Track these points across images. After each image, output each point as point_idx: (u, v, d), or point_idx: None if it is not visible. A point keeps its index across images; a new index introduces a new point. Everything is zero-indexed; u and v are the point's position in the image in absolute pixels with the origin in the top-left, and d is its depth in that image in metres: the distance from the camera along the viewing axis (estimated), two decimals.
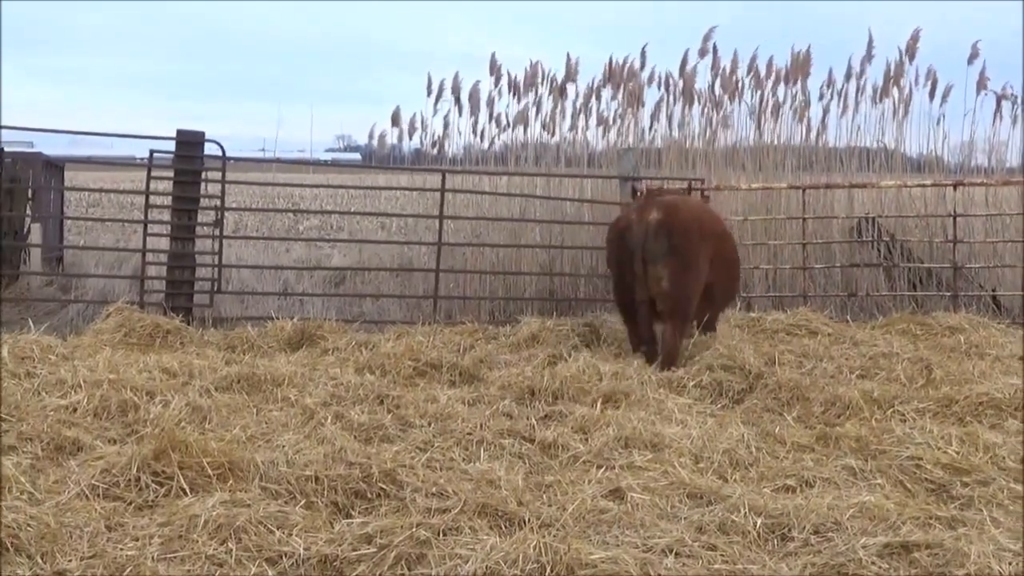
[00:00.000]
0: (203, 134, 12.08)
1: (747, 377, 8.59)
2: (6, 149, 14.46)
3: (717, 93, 14.78)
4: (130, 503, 5.61)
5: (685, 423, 7.45)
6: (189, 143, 11.97)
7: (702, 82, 14.84)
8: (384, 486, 5.86)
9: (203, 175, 12.28)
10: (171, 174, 12.13)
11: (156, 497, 5.66)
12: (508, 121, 15.08)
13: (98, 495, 5.65)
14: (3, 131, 13.60)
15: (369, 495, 5.82)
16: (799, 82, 14.73)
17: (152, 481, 5.75)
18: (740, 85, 14.78)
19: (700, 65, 14.75)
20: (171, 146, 12.02)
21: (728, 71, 14.72)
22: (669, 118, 14.97)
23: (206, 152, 12.14)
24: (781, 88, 14.78)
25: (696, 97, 14.85)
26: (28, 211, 14.05)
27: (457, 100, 14.96)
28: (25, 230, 13.99)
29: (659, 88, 14.91)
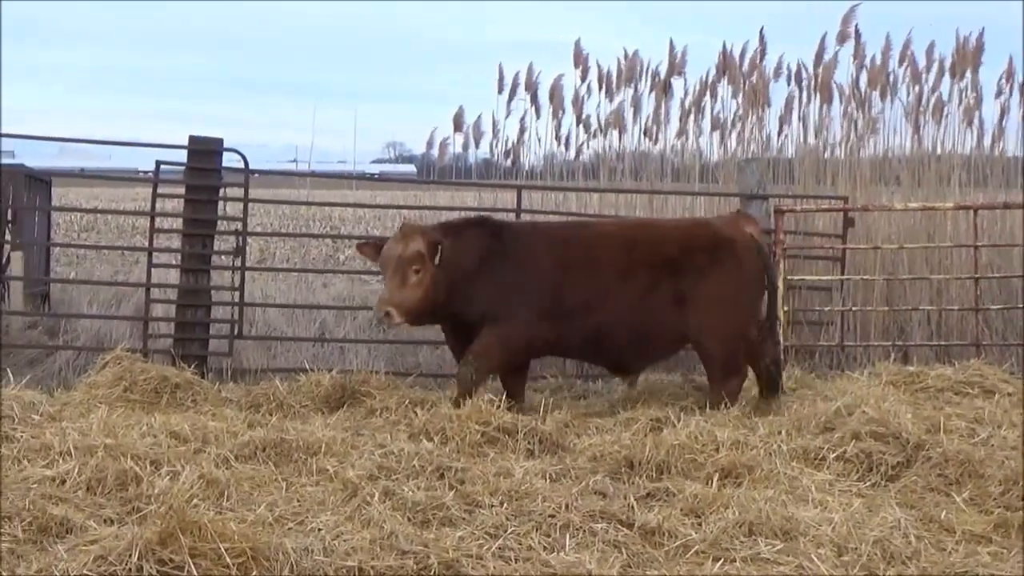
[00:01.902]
0: (221, 141, 12.20)
1: (904, 448, 8.49)
2: None
3: (862, 89, 14.72)
4: None
5: (825, 505, 7.36)
6: (204, 152, 12.09)
7: (843, 75, 14.81)
8: None
9: (221, 192, 12.40)
10: (182, 191, 12.26)
11: None
12: (599, 124, 15.12)
13: None
14: None
15: None
16: (968, 75, 14.62)
17: (158, 571, 5.77)
18: (892, 79, 14.70)
19: (840, 53, 14.71)
20: (182, 156, 12.16)
21: (876, 61, 14.64)
22: (802, 120, 14.94)
23: (224, 163, 12.27)
24: (945, 82, 14.69)
25: (836, 94, 14.78)
26: (7, 236, 14.26)
27: (535, 99, 15.04)
28: (4, 259, 14.20)
29: (788, 83, 14.89)
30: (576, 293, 10.15)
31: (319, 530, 6.60)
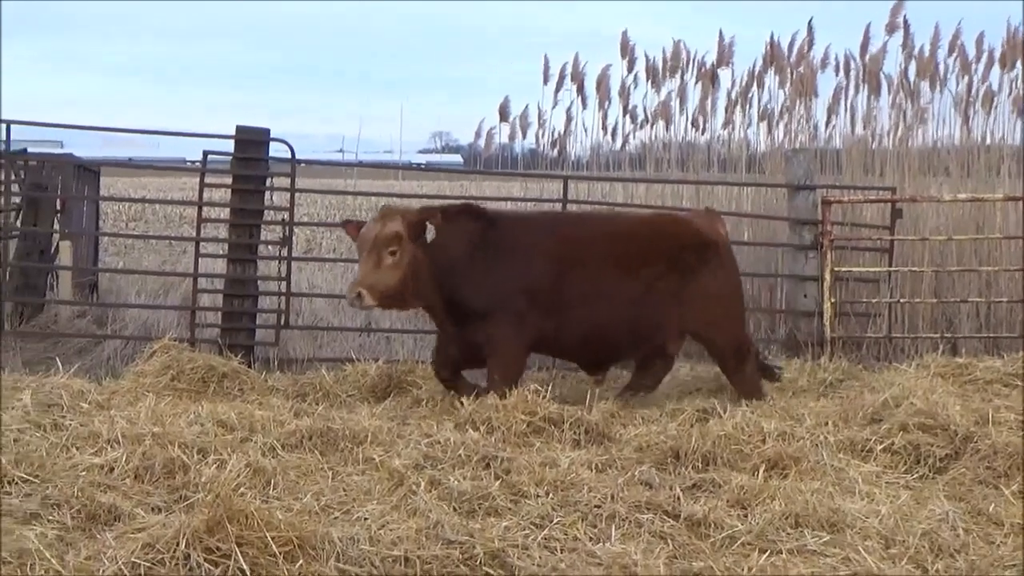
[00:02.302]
0: (268, 131, 12.24)
1: (952, 440, 8.45)
2: (31, 150, 14.83)
3: (911, 79, 14.64)
4: None
5: (872, 497, 7.35)
6: (251, 143, 12.13)
7: (891, 65, 14.73)
8: (491, 571, 5.86)
9: (268, 182, 12.44)
10: (229, 181, 12.30)
11: None
12: (646, 115, 15.10)
13: (139, 575, 5.72)
14: (28, 129, 13.97)
15: None
16: (1018, 65, 14.52)
17: (204, 559, 5.80)
18: (941, 69, 14.61)
19: (888, 44, 14.63)
20: (229, 146, 12.20)
21: (925, 52, 14.56)
22: (850, 111, 14.87)
23: (272, 154, 12.31)
24: (995, 72, 14.60)
25: (884, 84, 14.71)
26: (56, 226, 14.35)
27: (581, 89, 15.02)
28: (52, 249, 14.29)
29: (836, 73, 14.83)
30: (574, 287, 10.03)
31: (365, 519, 6.63)
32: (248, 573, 5.71)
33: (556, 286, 9.97)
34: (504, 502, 7.09)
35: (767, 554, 6.34)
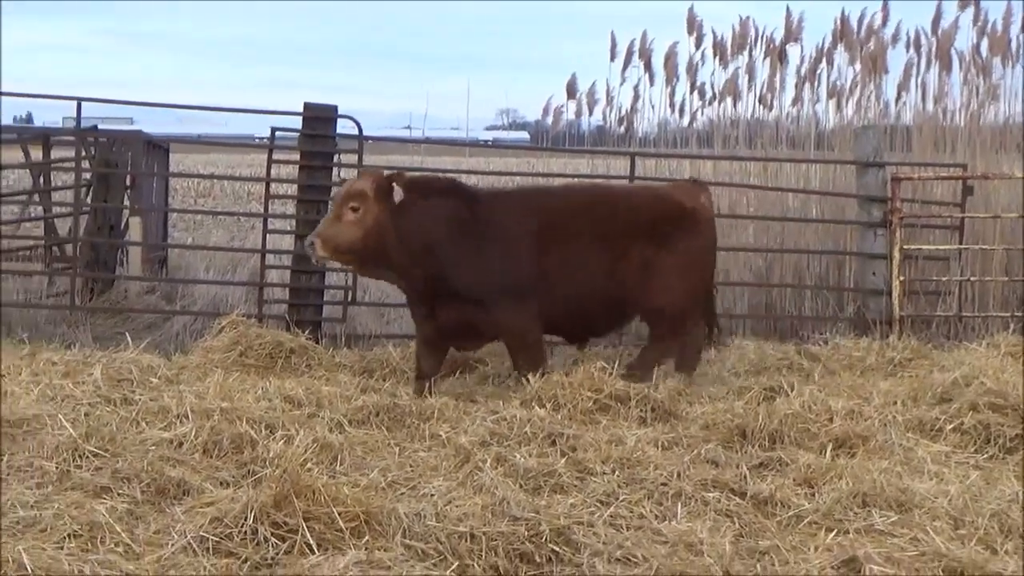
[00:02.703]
0: (335, 108, 12.28)
1: (1023, 420, 8.38)
2: (101, 127, 14.96)
3: (983, 55, 14.48)
4: (245, 560, 5.72)
5: (941, 477, 7.32)
6: (319, 119, 12.17)
7: (963, 42, 14.57)
8: (556, 548, 5.86)
9: (336, 158, 12.48)
10: (297, 157, 12.36)
11: (276, 554, 5.76)
12: (713, 92, 15.03)
13: (207, 549, 5.77)
14: (97, 105, 14.07)
15: (537, 558, 5.83)
16: None
17: (272, 534, 5.85)
18: (1013, 45, 14.45)
19: (960, 19, 14.48)
20: (297, 123, 12.25)
21: (998, 27, 14.40)
22: (920, 87, 14.74)
23: (339, 130, 12.35)
24: None
25: (956, 60, 14.57)
26: (126, 202, 14.46)
27: (648, 66, 14.97)
28: (122, 225, 14.41)
29: (907, 49, 14.69)
30: (557, 261, 9.80)
31: (431, 495, 6.66)
32: (315, 548, 5.75)
33: (540, 261, 9.78)
34: (570, 479, 7.10)
35: (834, 533, 6.31)
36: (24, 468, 6.87)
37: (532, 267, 9.75)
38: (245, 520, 5.88)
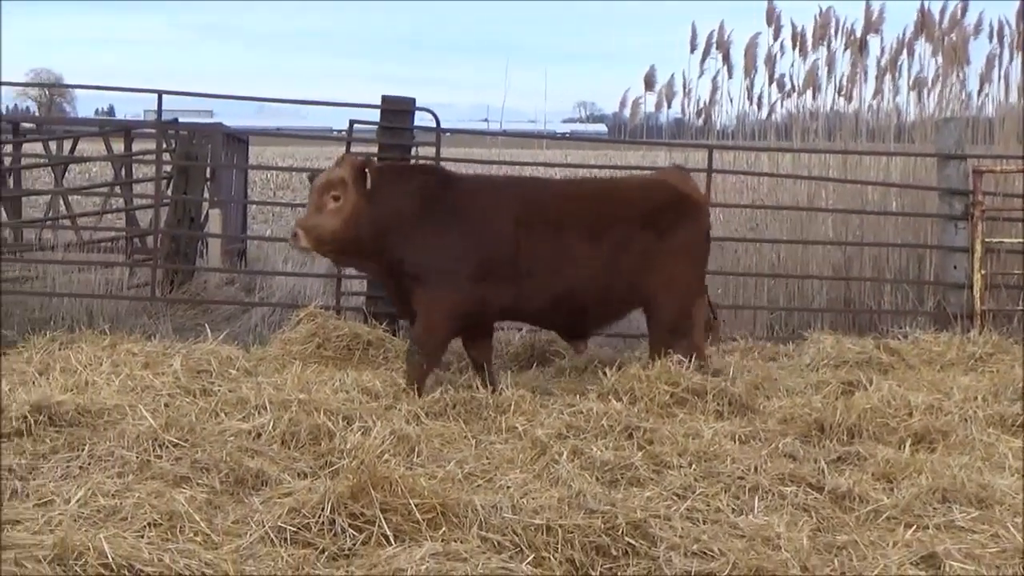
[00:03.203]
0: (413, 101, 12.31)
1: None
2: (181, 120, 15.09)
3: None
4: (323, 551, 5.76)
5: (1022, 473, 7.23)
6: (396, 112, 12.21)
7: None
8: (632, 541, 5.86)
9: (413, 151, 12.52)
10: (375, 150, 12.40)
11: (354, 545, 5.80)
12: (793, 84, 14.95)
13: (285, 540, 5.81)
14: (178, 98, 14.20)
15: (613, 551, 5.82)
16: None
17: (349, 525, 5.88)
18: None
19: None
20: (375, 115, 12.29)
21: None
22: (1004, 78, 14.59)
23: (417, 123, 12.38)
24: None
25: None
26: (206, 194, 14.58)
27: (727, 58, 14.90)
28: (202, 217, 14.53)
29: (990, 40, 14.55)
30: (536, 254, 9.41)
31: (508, 488, 6.68)
32: (392, 539, 5.78)
33: (515, 252, 9.40)
34: (646, 472, 7.10)
35: (913, 529, 6.27)
36: (105, 457, 6.95)
37: (488, 255, 9.37)
38: (322, 511, 5.93)
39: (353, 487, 6.01)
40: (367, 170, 9.22)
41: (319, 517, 5.91)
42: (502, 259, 9.37)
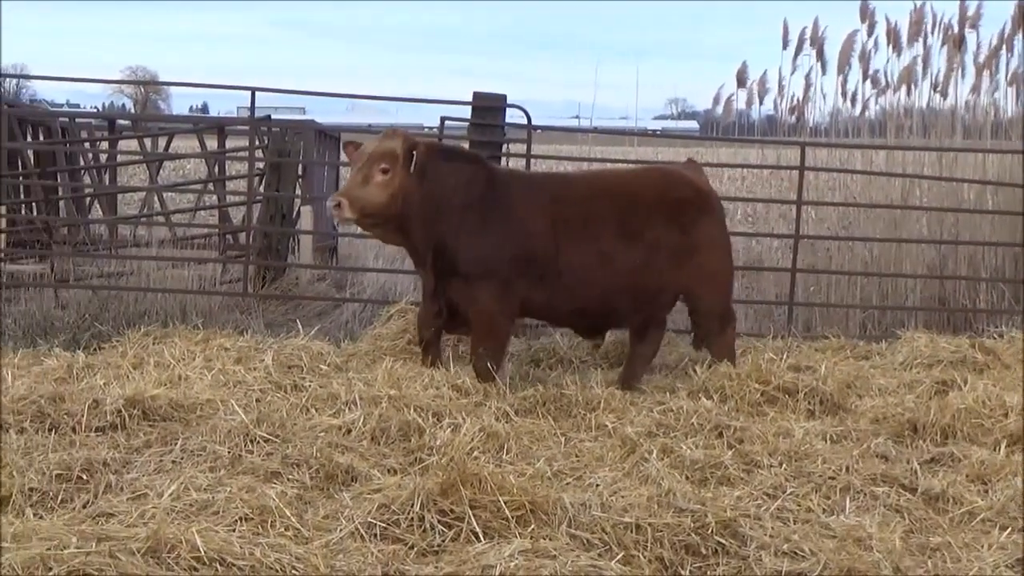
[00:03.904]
0: (504, 97, 12.34)
1: None
2: (274, 117, 15.21)
3: None
4: (412, 547, 5.80)
5: None
6: (488, 109, 12.24)
7: None
8: (722, 540, 5.85)
9: (505, 148, 12.53)
10: (466, 146, 12.42)
11: (443, 541, 5.83)
12: (887, 80, 14.80)
13: (375, 535, 5.86)
14: (271, 95, 14.32)
15: (703, 550, 5.82)
16: None
17: (438, 521, 5.92)
18: None
19: None
20: (466, 112, 12.34)
21: None
22: None
23: (508, 120, 12.40)
24: None
25: None
26: (297, 191, 14.68)
27: (820, 54, 14.79)
28: (294, 213, 14.63)
29: None
30: (571, 252, 9.35)
31: (597, 486, 6.69)
32: (481, 535, 5.81)
33: (553, 251, 9.34)
34: (737, 471, 7.09)
35: (1008, 531, 6.22)
36: (198, 452, 7.03)
37: (529, 254, 9.32)
38: (412, 507, 5.97)
39: (443, 484, 6.05)
40: (415, 152, 9.13)
41: (408, 513, 5.96)
42: (544, 258, 9.34)
